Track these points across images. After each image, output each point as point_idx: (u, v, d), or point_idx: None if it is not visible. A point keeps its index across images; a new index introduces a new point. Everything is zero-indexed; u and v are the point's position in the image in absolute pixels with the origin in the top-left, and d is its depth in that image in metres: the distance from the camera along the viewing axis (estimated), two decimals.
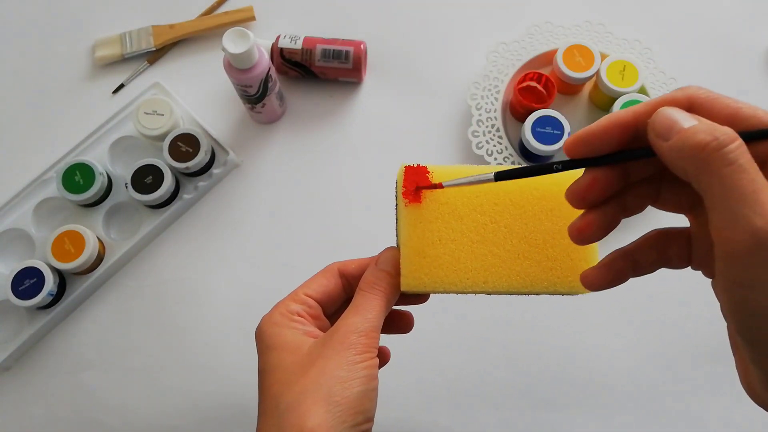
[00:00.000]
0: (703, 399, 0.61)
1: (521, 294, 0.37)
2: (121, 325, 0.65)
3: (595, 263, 0.33)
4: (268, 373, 0.34)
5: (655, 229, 0.32)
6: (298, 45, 0.68)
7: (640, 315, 0.63)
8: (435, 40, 0.73)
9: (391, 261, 0.37)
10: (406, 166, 0.36)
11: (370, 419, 0.33)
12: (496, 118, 0.66)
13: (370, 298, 0.35)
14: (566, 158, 0.30)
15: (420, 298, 0.41)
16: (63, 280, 0.64)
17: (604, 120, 0.29)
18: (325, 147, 0.70)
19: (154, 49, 0.73)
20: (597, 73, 0.65)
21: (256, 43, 0.58)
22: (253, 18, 0.74)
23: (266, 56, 0.61)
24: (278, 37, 0.69)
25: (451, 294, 0.36)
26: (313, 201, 0.68)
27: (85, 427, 0.62)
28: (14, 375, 0.63)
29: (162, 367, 0.63)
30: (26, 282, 0.61)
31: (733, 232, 0.24)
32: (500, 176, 0.31)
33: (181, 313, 0.65)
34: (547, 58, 0.69)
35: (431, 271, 0.35)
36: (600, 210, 0.30)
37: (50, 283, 0.61)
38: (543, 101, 0.65)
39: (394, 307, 0.39)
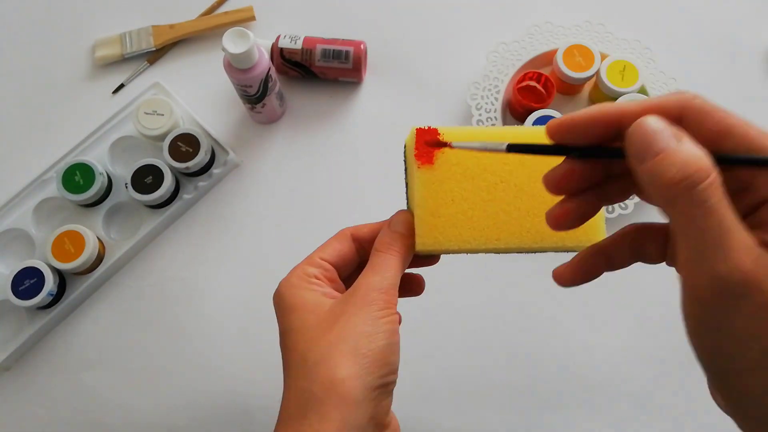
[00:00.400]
0: (703, 398, 0.61)
1: (531, 251, 0.37)
2: (121, 325, 0.65)
3: (601, 219, 0.33)
4: (292, 333, 0.34)
5: (633, 224, 0.32)
6: (298, 45, 0.68)
7: (640, 315, 0.63)
8: (435, 40, 0.73)
9: (404, 223, 0.37)
10: (417, 128, 0.37)
11: (394, 371, 0.34)
12: (496, 118, 0.66)
13: (387, 257, 0.36)
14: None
15: (430, 260, 0.41)
16: (63, 280, 0.64)
17: (590, 110, 0.27)
18: (325, 147, 0.70)
19: (154, 49, 0.73)
20: (597, 73, 0.65)
21: (256, 43, 0.58)
22: (253, 18, 0.74)
23: (266, 56, 0.61)
24: (278, 37, 0.69)
25: (462, 253, 0.37)
26: (313, 201, 0.68)
27: (85, 427, 0.62)
28: (14, 375, 0.64)
29: (162, 366, 0.63)
30: (26, 282, 0.61)
31: (697, 273, 0.24)
32: (512, 148, 0.30)
33: (182, 312, 0.65)
34: (547, 58, 0.69)
35: (446, 230, 0.36)
36: (579, 198, 0.30)
37: (50, 283, 0.61)
38: (542, 101, 0.65)
39: (406, 271, 0.40)
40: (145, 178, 0.63)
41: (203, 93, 0.72)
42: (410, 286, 0.42)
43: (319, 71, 0.69)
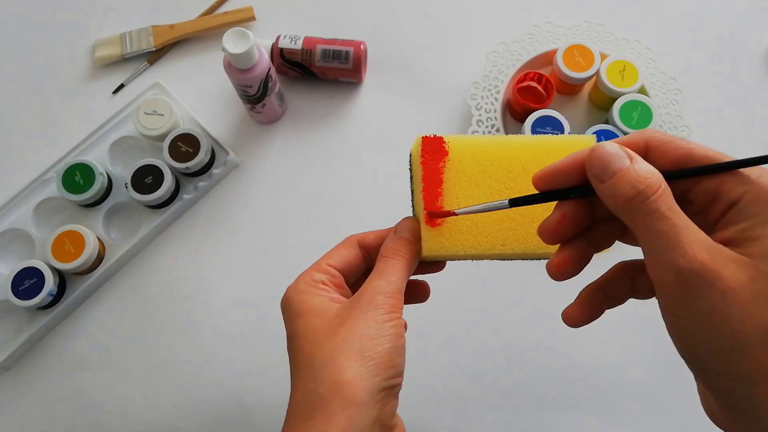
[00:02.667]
0: None
1: (536, 257, 0.38)
2: (121, 325, 0.65)
3: None
4: (299, 337, 0.35)
5: (620, 262, 0.34)
6: (298, 45, 0.68)
7: (640, 315, 0.63)
8: (435, 41, 0.73)
9: (410, 229, 0.38)
10: (423, 137, 0.37)
11: (400, 374, 0.34)
12: (496, 118, 0.66)
13: (393, 263, 0.37)
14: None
15: (436, 266, 0.42)
16: (63, 280, 0.64)
17: (567, 157, 0.31)
18: (325, 147, 0.70)
19: (154, 49, 0.73)
20: (597, 73, 0.65)
21: (256, 44, 0.58)
22: (253, 18, 0.74)
23: (266, 56, 0.61)
24: (278, 38, 0.69)
25: (468, 259, 0.38)
26: (313, 201, 0.68)
27: (85, 427, 0.62)
28: (14, 375, 0.64)
29: (162, 367, 0.63)
30: (26, 282, 0.61)
31: (662, 271, 0.27)
32: (515, 203, 0.33)
33: (182, 312, 0.65)
34: (547, 58, 0.69)
35: (451, 235, 0.37)
36: (573, 245, 0.32)
37: (50, 283, 0.61)
38: (541, 101, 0.65)
39: (412, 277, 0.40)
40: (145, 179, 0.63)
41: (203, 93, 0.72)
42: (416, 293, 0.43)
43: (319, 71, 0.69)
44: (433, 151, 0.37)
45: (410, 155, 0.40)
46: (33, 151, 0.70)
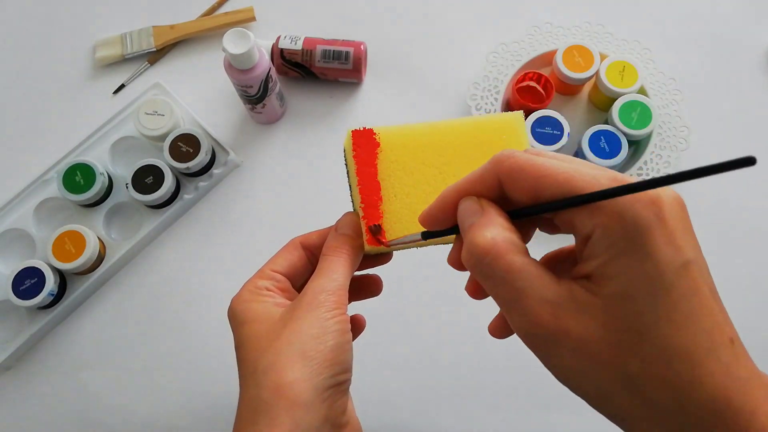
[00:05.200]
0: None
1: None
2: (122, 325, 0.65)
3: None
4: (243, 345, 0.35)
5: (544, 255, 0.33)
6: (299, 46, 0.68)
7: None
8: (435, 41, 0.73)
9: (351, 224, 0.38)
10: (353, 131, 0.38)
11: (347, 370, 0.34)
12: None
13: (334, 260, 0.36)
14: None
15: (383, 258, 0.41)
16: (63, 280, 0.64)
17: (437, 200, 0.30)
18: (326, 147, 0.70)
19: (155, 49, 0.73)
20: (596, 73, 0.65)
21: (256, 44, 0.58)
22: (253, 18, 0.74)
23: (266, 57, 0.61)
24: (278, 38, 0.69)
25: (412, 248, 0.38)
26: (313, 201, 0.68)
27: (85, 427, 0.62)
28: (15, 375, 0.64)
29: (162, 366, 0.63)
30: (27, 282, 0.61)
31: (515, 328, 0.27)
32: (427, 236, 0.33)
33: (182, 312, 0.65)
34: (547, 58, 0.69)
35: (391, 226, 0.37)
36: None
37: (51, 283, 0.61)
38: (541, 101, 0.65)
39: (360, 272, 0.40)
40: (146, 179, 0.64)
41: (204, 93, 0.72)
42: (368, 287, 0.43)
43: (319, 72, 0.69)
44: (364, 143, 0.37)
45: (344, 150, 0.40)
46: (34, 151, 0.70)
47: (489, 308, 0.68)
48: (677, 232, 0.24)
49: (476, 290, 0.33)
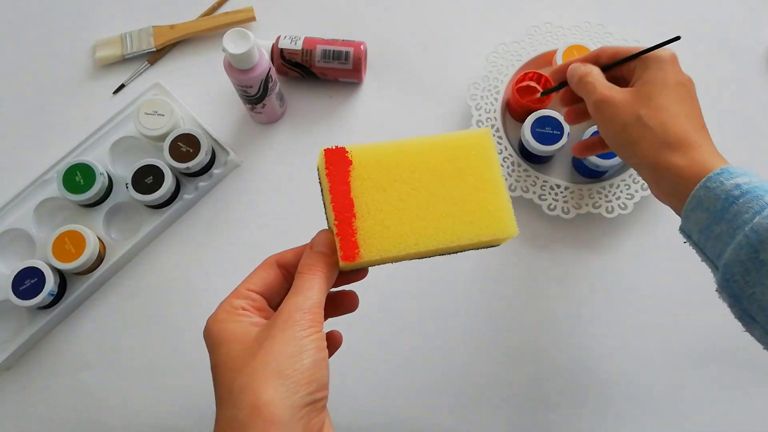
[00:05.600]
0: (703, 399, 0.61)
1: (451, 251, 0.39)
2: (122, 325, 0.65)
3: (510, 212, 0.39)
4: (219, 366, 0.35)
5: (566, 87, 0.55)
6: (298, 46, 0.68)
7: (641, 315, 0.64)
8: (435, 41, 0.73)
9: (325, 242, 0.38)
10: (325, 150, 0.38)
11: (323, 387, 0.34)
12: (495, 118, 0.67)
13: (309, 278, 0.36)
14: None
15: (358, 273, 0.42)
16: (63, 280, 0.64)
17: (561, 65, 0.55)
18: (325, 147, 0.70)
19: (155, 49, 0.73)
20: None
21: (256, 44, 0.58)
22: (253, 18, 0.74)
23: (266, 57, 0.61)
24: (278, 38, 0.69)
25: (387, 264, 0.38)
26: (313, 201, 0.68)
27: (85, 427, 0.62)
28: (15, 375, 0.64)
29: (162, 366, 0.63)
30: (27, 282, 0.61)
31: (588, 107, 0.50)
32: (545, 92, 0.59)
33: (182, 312, 0.65)
34: (547, 58, 0.69)
35: (365, 242, 0.37)
36: (575, 105, 0.57)
37: (51, 283, 0.61)
38: (541, 101, 0.65)
39: (336, 288, 0.40)
40: (146, 179, 0.64)
41: (204, 93, 0.72)
42: (344, 304, 0.43)
43: (319, 72, 0.69)
44: (336, 162, 0.38)
45: (317, 169, 0.40)
46: (34, 151, 0.70)
47: (489, 308, 0.68)
48: (679, 66, 0.49)
49: (572, 114, 0.57)
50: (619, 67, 0.51)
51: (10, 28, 0.76)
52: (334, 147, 0.38)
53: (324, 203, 0.40)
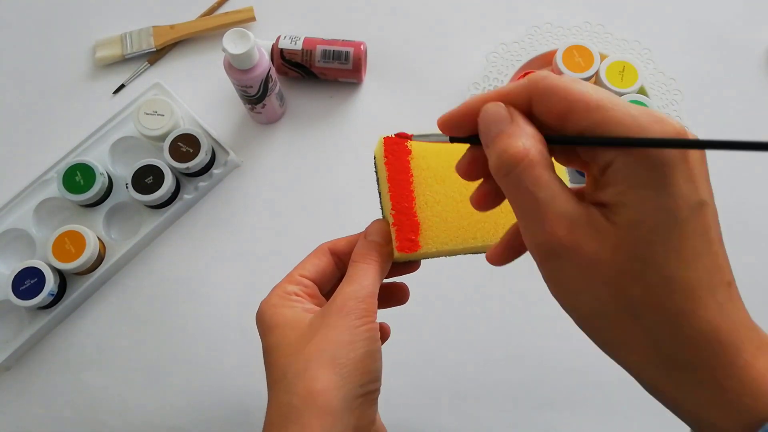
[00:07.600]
0: None
1: None
2: (122, 325, 0.65)
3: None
4: (273, 350, 0.34)
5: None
6: (298, 46, 0.68)
7: None
8: (435, 41, 0.73)
9: (380, 232, 0.38)
10: (384, 138, 0.37)
11: (376, 379, 0.34)
12: None
13: (364, 267, 0.36)
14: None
15: (411, 266, 0.41)
16: (63, 280, 0.64)
17: (462, 105, 0.29)
18: (326, 147, 0.70)
19: (155, 49, 0.73)
20: (596, 73, 0.65)
21: (256, 44, 0.58)
22: (253, 19, 0.74)
23: (266, 57, 0.61)
24: (278, 38, 0.69)
25: (442, 256, 0.37)
26: (313, 201, 0.68)
27: (85, 427, 0.62)
28: (15, 375, 0.64)
29: (163, 366, 0.63)
30: (27, 282, 0.61)
31: (527, 241, 0.27)
32: (454, 140, 0.31)
33: (182, 312, 0.65)
34: (547, 58, 0.69)
35: (423, 234, 0.37)
36: (490, 181, 0.30)
37: (51, 283, 0.61)
38: None
39: (387, 280, 0.40)
40: (146, 179, 0.64)
41: (204, 93, 0.72)
42: (394, 296, 0.42)
43: (319, 72, 0.69)
44: (396, 150, 0.37)
45: (374, 157, 0.40)
46: (33, 151, 0.70)
47: (489, 307, 0.69)
48: (697, 173, 0.25)
49: (481, 199, 0.32)
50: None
51: (11, 28, 0.76)
52: (393, 135, 0.37)
53: (379, 192, 0.39)
